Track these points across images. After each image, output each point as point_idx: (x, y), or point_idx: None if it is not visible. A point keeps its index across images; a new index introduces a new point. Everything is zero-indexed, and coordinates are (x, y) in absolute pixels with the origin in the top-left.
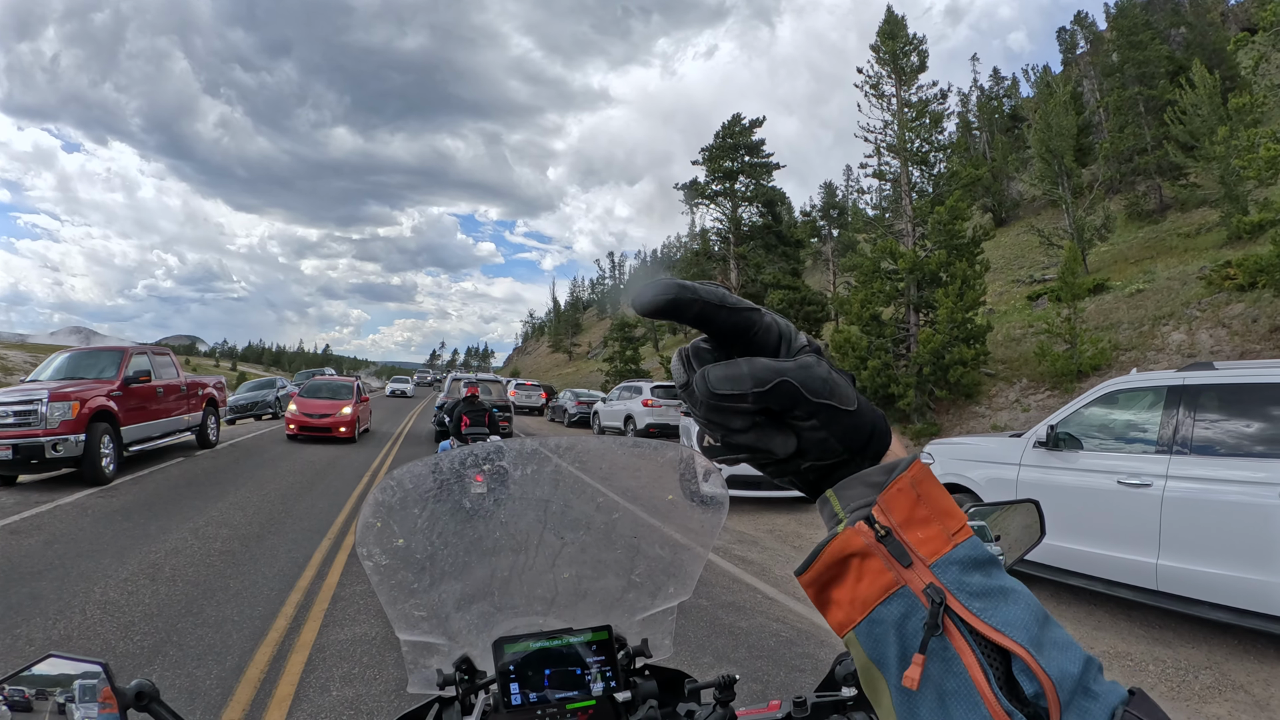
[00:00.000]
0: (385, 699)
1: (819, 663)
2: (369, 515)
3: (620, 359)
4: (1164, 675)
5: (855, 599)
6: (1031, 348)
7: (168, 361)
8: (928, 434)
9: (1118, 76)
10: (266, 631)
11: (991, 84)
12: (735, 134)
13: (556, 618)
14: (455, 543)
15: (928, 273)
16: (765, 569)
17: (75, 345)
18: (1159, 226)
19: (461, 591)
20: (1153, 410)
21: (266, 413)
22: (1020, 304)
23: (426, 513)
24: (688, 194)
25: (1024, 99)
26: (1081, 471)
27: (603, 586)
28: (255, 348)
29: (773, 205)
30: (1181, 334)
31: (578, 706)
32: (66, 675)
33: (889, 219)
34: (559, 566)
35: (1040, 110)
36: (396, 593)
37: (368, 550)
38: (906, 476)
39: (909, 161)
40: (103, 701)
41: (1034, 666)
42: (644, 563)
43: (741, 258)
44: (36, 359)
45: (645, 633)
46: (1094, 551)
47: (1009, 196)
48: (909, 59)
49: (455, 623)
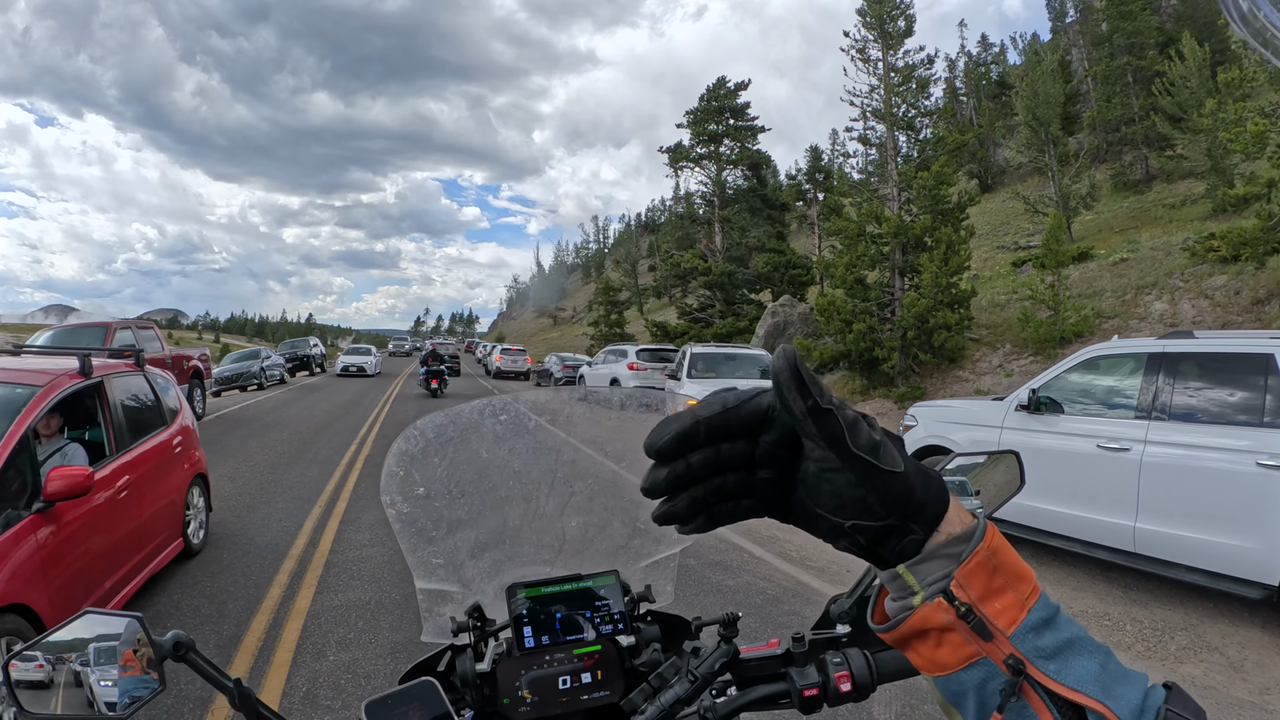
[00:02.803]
0: (381, 661)
1: (805, 619)
2: (393, 464)
3: (605, 323)
4: (1140, 635)
5: (935, 661)
6: (1015, 313)
7: (152, 335)
8: (911, 397)
9: (1106, 46)
10: (262, 600)
11: (979, 50)
12: (720, 97)
13: (563, 565)
14: (471, 491)
15: (913, 237)
16: (752, 529)
17: (56, 324)
18: (1144, 197)
19: (475, 539)
20: (1133, 377)
21: (252, 384)
22: (1005, 270)
23: (446, 461)
24: (672, 157)
25: (1011, 66)
26: (1062, 435)
27: (608, 534)
28: (238, 319)
29: (758, 168)
30: (1164, 304)
31: (584, 651)
32: (101, 635)
33: (874, 184)
34: (567, 515)
35: (1028, 78)
36: (416, 540)
37: (390, 498)
38: (983, 548)
39: (895, 126)
40: (124, 664)
41: (1110, 717)
42: (648, 510)
43: (726, 220)
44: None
45: (648, 579)
46: (1073, 513)
47: (995, 163)
48: (895, 24)
49: (469, 570)
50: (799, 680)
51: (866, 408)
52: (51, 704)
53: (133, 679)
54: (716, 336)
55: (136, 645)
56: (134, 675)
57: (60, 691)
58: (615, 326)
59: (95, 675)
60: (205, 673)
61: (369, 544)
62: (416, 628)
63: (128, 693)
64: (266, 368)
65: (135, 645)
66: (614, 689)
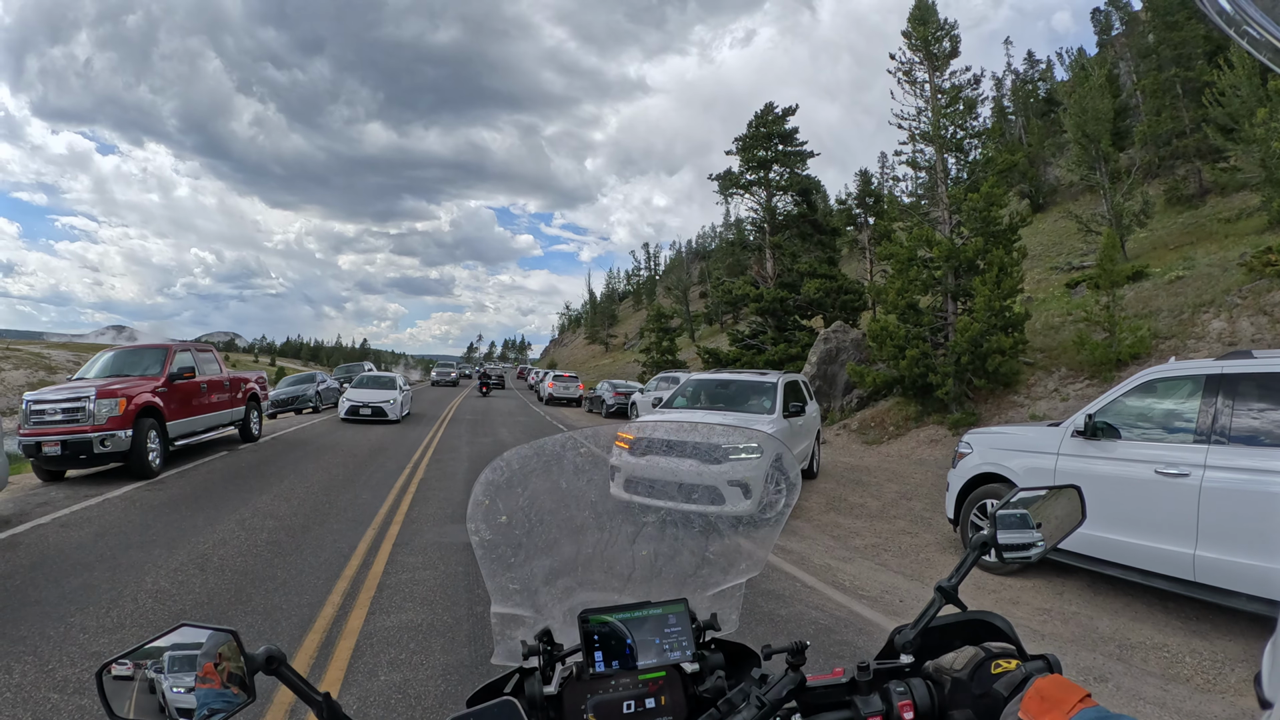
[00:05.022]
0: (432, 683)
1: (857, 650)
2: (479, 493)
3: (657, 349)
4: (1200, 667)
5: None
6: (1070, 336)
7: (211, 358)
8: (966, 423)
9: (1154, 58)
10: (314, 619)
11: (1026, 67)
12: (768, 123)
13: (631, 593)
14: (549, 520)
15: (964, 260)
16: (804, 558)
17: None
18: (1199, 211)
19: (550, 566)
20: (1191, 399)
21: (307, 406)
22: (1058, 291)
23: (528, 491)
24: (721, 184)
25: (1059, 82)
26: (1119, 461)
27: (677, 563)
28: (293, 343)
29: (807, 194)
30: (1222, 322)
31: (649, 676)
32: (182, 644)
33: (924, 207)
34: (639, 544)
35: (1075, 94)
36: (496, 566)
37: (475, 526)
38: None
39: (943, 149)
40: (203, 676)
41: None
42: (718, 540)
43: (777, 247)
44: (79, 358)
45: (715, 607)
46: (1131, 541)
47: (1046, 182)
48: (940, 44)
49: (542, 595)
50: (863, 709)
51: (920, 434)
52: (126, 708)
53: (212, 692)
54: (768, 363)
55: (218, 659)
56: (213, 689)
57: (134, 696)
58: (667, 353)
59: (169, 682)
60: (295, 686)
61: (422, 567)
62: (468, 651)
63: (206, 705)
64: (321, 391)
65: (217, 658)
66: (677, 715)
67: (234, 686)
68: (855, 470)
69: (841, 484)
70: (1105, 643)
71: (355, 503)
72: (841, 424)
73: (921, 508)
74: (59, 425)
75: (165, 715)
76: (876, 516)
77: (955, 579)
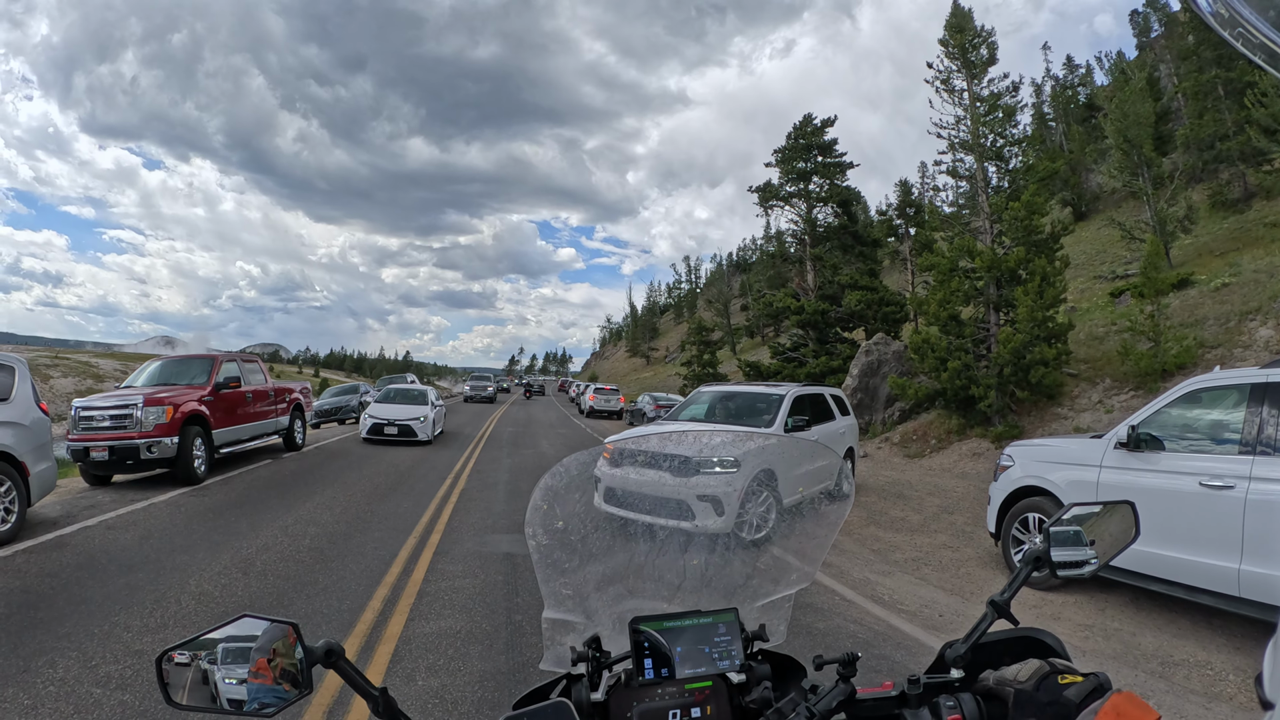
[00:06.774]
0: (469, 689)
1: (895, 665)
2: (538, 498)
3: (698, 362)
4: (1244, 686)
5: None
6: (1114, 346)
7: (256, 368)
8: (1009, 436)
9: (1194, 60)
10: (354, 624)
11: (1065, 73)
12: (807, 134)
13: (681, 602)
14: (605, 527)
15: (1006, 271)
16: (844, 572)
17: (164, 353)
18: (1244, 216)
19: (602, 573)
20: (1236, 410)
21: (350, 417)
22: (1102, 301)
23: (585, 498)
24: (761, 196)
25: (1099, 87)
26: (1162, 473)
27: (728, 573)
28: (337, 354)
29: (848, 205)
30: (1270, 329)
31: (696, 686)
32: (239, 636)
33: (965, 216)
34: (690, 554)
35: (1116, 98)
36: (551, 571)
37: (533, 530)
38: None
39: (983, 157)
40: (255, 671)
41: None
42: (768, 552)
43: (818, 259)
44: (127, 367)
45: (763, 618)
46: (1175, 556)
47: (1088, 189)
48: (978, 52)
49: (593, 602)
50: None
51: (963, 448)
52: (181, 695)
53: (264, 687)
54: (809, 375)
55: (272, 654)
56: (264, 684)
57: (188, 685)
58: (708, 366)
59: (220, 673)
60: (353, 680)
61: (462, 575)
62: (505, 658)
63: (257, 699)
64: (365, 402)
65: (271, 654)
66: None
67: (286, 683)
68: (896, 484)
69: (882, 498)
70: (1148, 660)
71: (397, 511)
72: (883, 437)
73: (963, 522)
74: (107, 431)
75: (217, 705)
76: (917, 530)
77: (1008, 594)
